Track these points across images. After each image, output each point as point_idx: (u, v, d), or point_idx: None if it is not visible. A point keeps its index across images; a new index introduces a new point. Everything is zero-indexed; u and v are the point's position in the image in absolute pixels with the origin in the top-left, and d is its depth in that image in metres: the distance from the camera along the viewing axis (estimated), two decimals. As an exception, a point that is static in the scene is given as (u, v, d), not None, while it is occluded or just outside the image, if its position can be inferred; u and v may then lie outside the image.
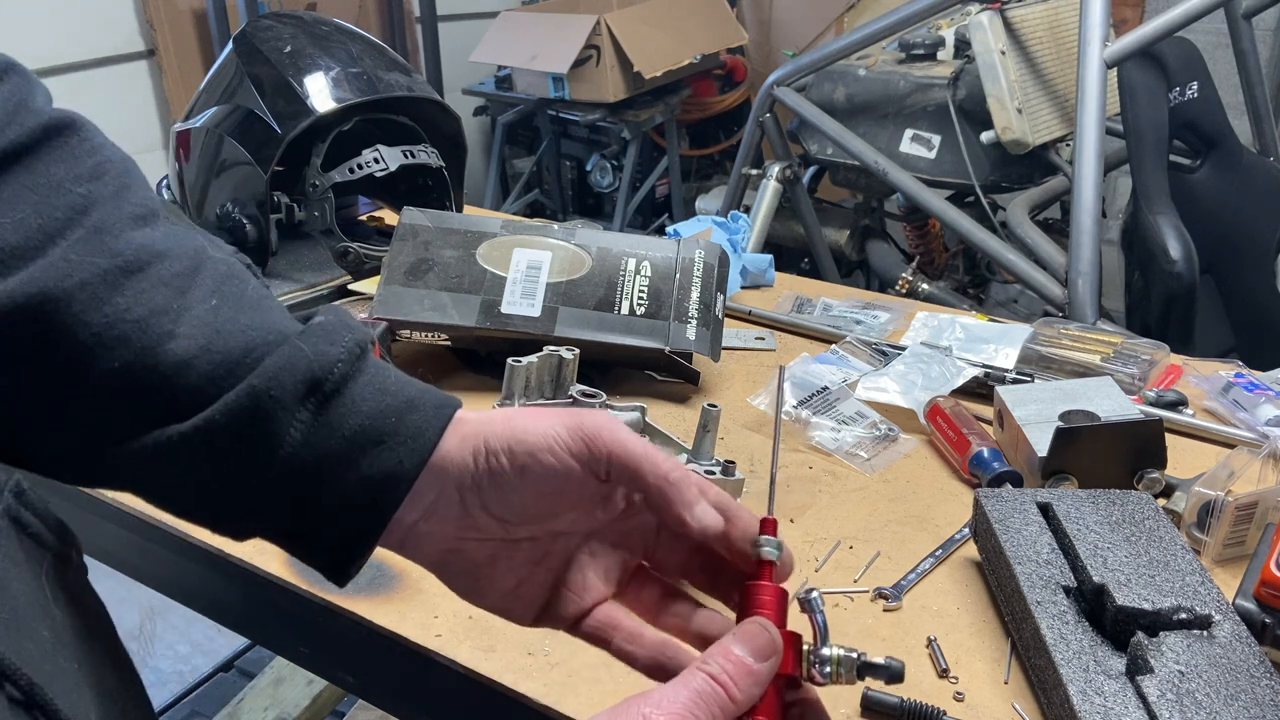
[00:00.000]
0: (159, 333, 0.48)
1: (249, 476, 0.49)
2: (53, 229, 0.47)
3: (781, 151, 2.67)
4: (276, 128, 1.29)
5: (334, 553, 0.52)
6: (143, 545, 1.00)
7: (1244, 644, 0.70)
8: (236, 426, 0.48)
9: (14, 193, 0.47)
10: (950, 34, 2.54)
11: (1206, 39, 2.15)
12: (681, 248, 1.23)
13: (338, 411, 0.49)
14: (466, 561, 0.54)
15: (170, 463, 0.48)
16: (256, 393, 0.48)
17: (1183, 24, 1.86)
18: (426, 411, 0.51)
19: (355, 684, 0.92)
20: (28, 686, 0.38)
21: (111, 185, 0.50)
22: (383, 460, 0.49)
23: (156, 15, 3.06)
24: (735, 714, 0.43)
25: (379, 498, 0.50)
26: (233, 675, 2.20)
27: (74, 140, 0.50)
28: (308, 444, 0.49)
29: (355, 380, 0.50)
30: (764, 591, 0.48)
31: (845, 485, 1.01)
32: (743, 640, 0.45)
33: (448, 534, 0.52)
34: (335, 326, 0.51)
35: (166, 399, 0.48)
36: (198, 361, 0.48)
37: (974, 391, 1.14)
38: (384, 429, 0.50)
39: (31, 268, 0.46)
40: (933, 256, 2.82)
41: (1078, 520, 0.82)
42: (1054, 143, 2.39)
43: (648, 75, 3.47)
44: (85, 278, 0.47)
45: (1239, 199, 2.03)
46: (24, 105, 0.49)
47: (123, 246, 0.48)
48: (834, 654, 0.48)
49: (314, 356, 0.49)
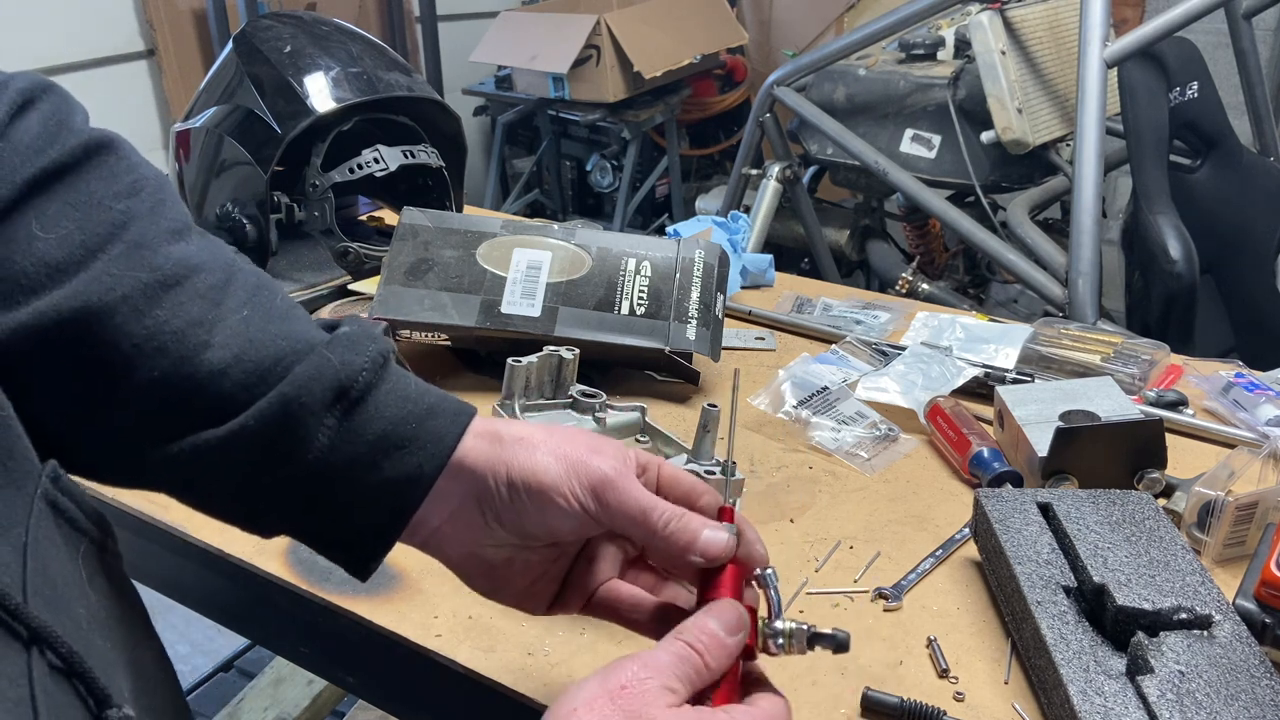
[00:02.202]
0: (195, 343, 0.51)
1: (279, 478, 0.52)
2: (94, 244, 0.50)
3: (781, 151, 2.67)
4: (276, 128, 1.29)
5: (356, 550, 0.56)
6: (143, 545, 0.99)
7: (1244, 644, 0.70)
8: (268, 432, 0.51)
9: (58, 210, 0.49)
10: (950, 34, 2.54)
11: (1206, 39, 2.15)
12: (681, 248, 1.22)
13: (362, 417, 0.53)
14: (485, 564, 0.58)
15: (206, 466, 0.51)
16: (287, 400, 0.51)
17: (1183, 24, 1.86)
18: (445, 418, 0.55)
19: (355, 684, 0.92)
20: (68, 655, 0.40)
21: (148, 201, 0.53)
22: (404, 464, 0.53)
23: (156, 15, 3.06)
24: (708, 680, 0.48)
25: (400, 499, 0.54)
26: (233, 675, 2.20)
27: (112, 159, 0.53)
28: (334, 448, 0.52)
29: (379, 388, 0.54)
30: (725, 572, 0.53)
31: (845, 485, 1.01)
32: (716, 616, 0.50)
33: (467, 539, 0.56)
34: (360, 337, 0.54)
35: (202, 405, 0.51)
36: (232, 370, 0.51)
37: (974, 391, 1.14)
38: (405, 434, 0.53)
39: (75, 281, 0.48)
40: (933, 256, 2.82)
41: (1078, 520, 0.82)
42: (1054, 143, 2.39)
43: (648, 75, 3.47)
44: (127, 291, 0.49)
45: (1239, 199, 2.03)
46: (65, 125, 0.52)
47: (161, 261, 0.51)
48: (786, 627, 0.53)
49: (340, 366, 0.52)
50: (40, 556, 0.42)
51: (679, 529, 0.53)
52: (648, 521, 0.54)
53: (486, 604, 0.83)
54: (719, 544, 0.53)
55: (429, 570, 0.88)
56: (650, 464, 0.57)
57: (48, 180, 0.50)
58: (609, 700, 0.45)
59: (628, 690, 0.45)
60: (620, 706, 0.45)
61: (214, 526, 0.94)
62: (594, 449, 0.55)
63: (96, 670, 0.41)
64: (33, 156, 0.50)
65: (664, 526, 0.53)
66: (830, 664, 0.77)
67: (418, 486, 0.54)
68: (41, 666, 0.38)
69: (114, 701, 0.41)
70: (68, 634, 0.40)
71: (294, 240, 1.41)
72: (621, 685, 0.45)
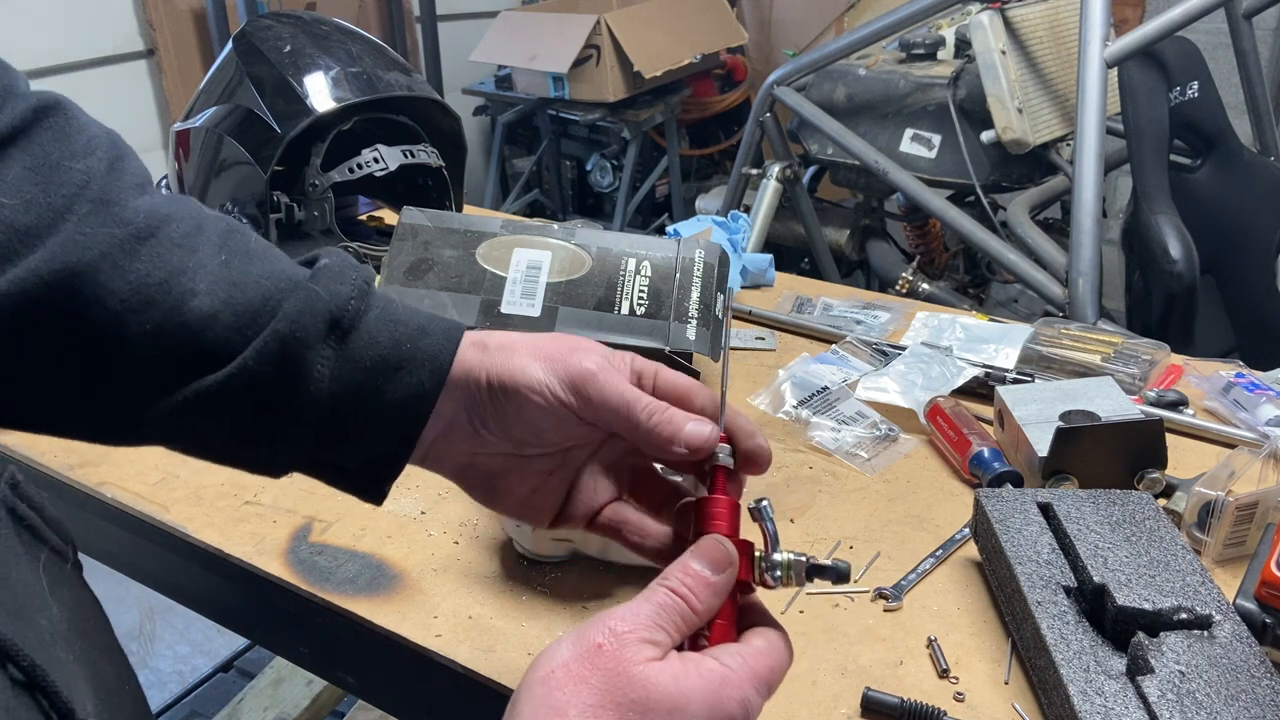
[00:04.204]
0: (181, 292, 0.51)
1: (284, 414, 0.53)
2: (60, 205, 0.49)
3: (781, 151, 2.66)
4: (276, 127, 1.29)
5: (368, 476, 0.57)
6: (142, 545, 1.00)
7: (1244, 644, 0.70)
8: (268, 370, 0.51)
9: (18, 175, 0.49)
10: (950, 34, 2.54)
11: (1206, 39, 2.15)
12: (681, 248, 1.22)
13: (357, 345, 0.53)
14: (482, 473, 0.58)
15: (209, 412, 0.52)
16: (283, 337, 0.51)
17: (1183, 24, 1.86)
18: (437, 336, 0.55)
19: (355, 684, 0.92)
20: (29, 668, 0.39)
21: (104, 159, 0.53)
22: (405, 384, 0.54)
23: (156, 15, 3.06)
24: (697, 624, 0.48)
25: (406, 419, 0.55)
26: (232, 675, 2.20)
27: (61, 119, 0.52)
28: (335, 378, 0.53)
29: (368, 315, 0.54)
30: (717, 504, 0.52)
31: (845, 485, 1.01)
32: (700, 556, 0.49)
33: (462, 449, 0.57)
34: (342, 267, 0.55)
35: (197, 353, 0.51)
36: (222, 314, 0.51)
37: (974, 391, 1.14)
38: (401, 355, 0.54)
39: (50, 244, 0.48)
40: (933, 256, 2.82)
41: (1078, 520, 0.82)
42: (1054, 142, 2.39)
43: (648, 75, 3.47)
44: (104, 249, 0.49)
45: (1239, 199, 2.03)
46: (10, 90, 0.51)
47: (130, 215, 0.51)
48: (784, 559, 0.51)
49: (329, 297, 0.53)
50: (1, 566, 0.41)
51: (662, 421, 0.53)
52: (631, 414, 0.53)
53: (486, 604, 0.83)
54: (701, 436, 0.53)
55: (429, 570, 0.88)
56: (647, 370, 0.57)
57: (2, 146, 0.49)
58: (585, 661, 0.44)
59: (604, 649, 0.44)
60: (597, 666, 0.44)
61: (214, 526, 0.94)
62: (575, 347, 0.56)
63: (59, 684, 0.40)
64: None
65: (648, 419, 0.53)
66: (830, 664, 0.77)
67: (422, 404, 0.54)
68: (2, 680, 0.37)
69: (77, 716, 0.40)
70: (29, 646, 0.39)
71: (294, 240, 1.41)
72: (597, 644, 0.44)
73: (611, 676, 0.43)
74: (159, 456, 1.04)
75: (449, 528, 0.93)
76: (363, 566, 0.88)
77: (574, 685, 0.43)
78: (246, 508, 0.96)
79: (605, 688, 0.43)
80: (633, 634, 0.45)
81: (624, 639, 0.45)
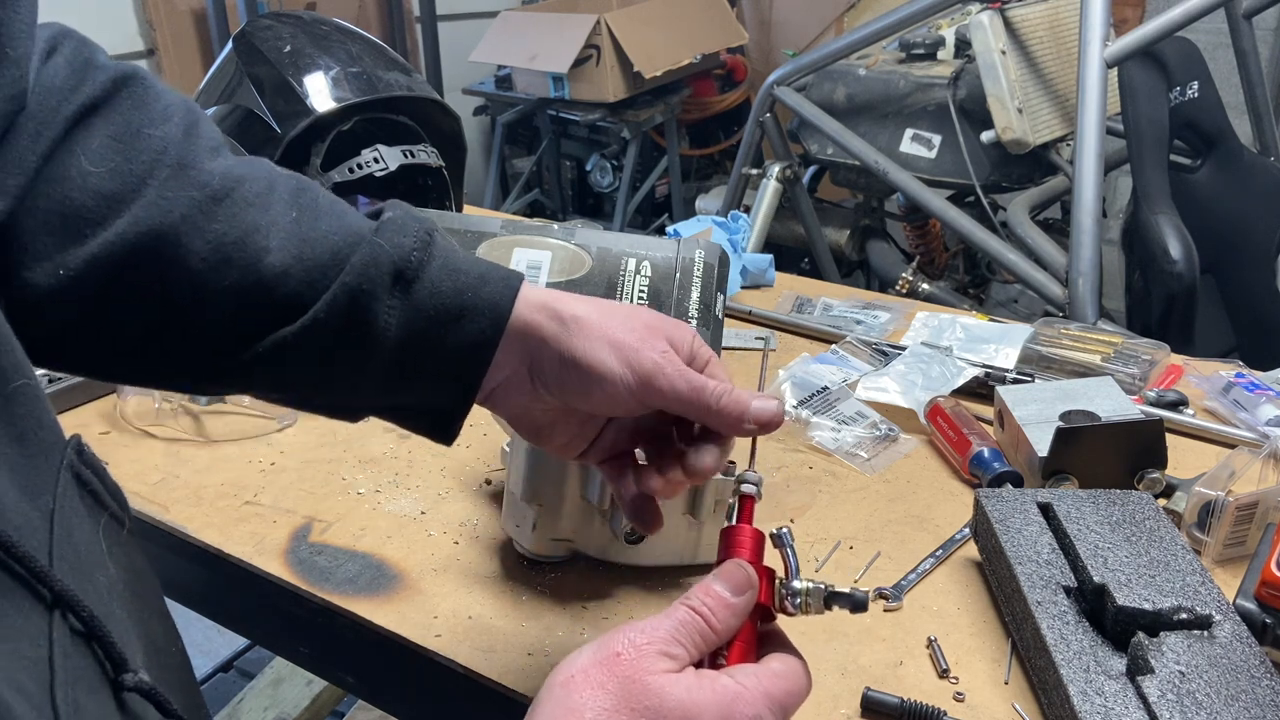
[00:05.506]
0: (255, 249, 0.54)
1: (356, 362, 0.57)
2: (143, 171, 0.53)
3: (781, 151, 2.67)
4: (276, 127, 1.29)
5: (437, 417, 0.61)
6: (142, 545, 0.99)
7: (1244, 644, 0.70)
8: (339, 321, 0.55)
9: (102, 144, 0.52)
10: (950, 34, 2.54)
11: (1206, 39, 2.15)
12: (681, 248, 1.22)
13: (421, 294, 0.57)
14: (534, 422, 0.63)
15: (286, 362, 0.56)
16: (351, 290, 0.55)
17: (1183, 24, 1.86)
18: (497, 285, 0.58)
19: (355, 684, 0.92)
20: (89, 619, 0.40)
21: (181, 125, 0.56)
22: (468, 331, 0.57)
23: (156, 15, 3.06)
24: (716, 642, 0.50)
25: (469, 364, 0.58)
26: (233, 675, 2.20)
27: (139, 89, 0.56)
28: (402, 325, 0.56)
29: (430, 265, 0.57)
30: (742, 533, 0.55)
31: (845, 485, 1.01)
32: (722, 578, 0.51)
33: (519, 400, 0.61)
34: (404, 219, 0.58)
35: (273, 307, 0.55)
36: (294, 270, 0.55)
37: (974, 391, 1.14)
38: (463, 304, 0.57)
39: (134, 209, 0.52)
40: (933, 256, 2.82)
41: (1078, 520, 0.82)
42: (1054, 142, 2.39)
43: (648, 75, 3.47)
44: (184, 211, 0.53)
45: (1239, 199, 2.03)
46: (91, 63, 0.55)
47: (206, 178, 0.54)
48: (803, 586, 0.54)
49: (392, 249, 0.56)
50: (66, 524, 0.43)
51: (731, 402, 0.57)
52: (702, 400, 0.57)
53: (486, 604, 0.83)
54: (769, 410, 0.58)
55: (429, 570, 0.88)
56: (699, 356, 0.61)
57: (86, 115, 0.52)
58: (604, 668, 0.46)
59: (623, 657, 0.46)
60: (615, 673, 0.46)
61: (214, 526, 0.94)
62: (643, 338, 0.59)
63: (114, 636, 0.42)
64: (69, 95, 0.52)
65: (717, 402, 0.57)
66: (830, 664, 0.77)
67: (483, 350, 0.58)
68: (62, 629, 0.39)
69: (130, 666, 0.42)
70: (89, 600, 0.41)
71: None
72: (616, 652, 0.46)
73: (627, 683, 0.45)
74: (159, 456, 1.04)
75: (449, 528, 0.93)
76: (362, 566, 0.88)
77: (591, 689, 0.45)
78: (246, 508, 0.96)
79: (621, 693, 0.45)
80: (651, 646, 0.47)
81: (642, 650, 0.47)
